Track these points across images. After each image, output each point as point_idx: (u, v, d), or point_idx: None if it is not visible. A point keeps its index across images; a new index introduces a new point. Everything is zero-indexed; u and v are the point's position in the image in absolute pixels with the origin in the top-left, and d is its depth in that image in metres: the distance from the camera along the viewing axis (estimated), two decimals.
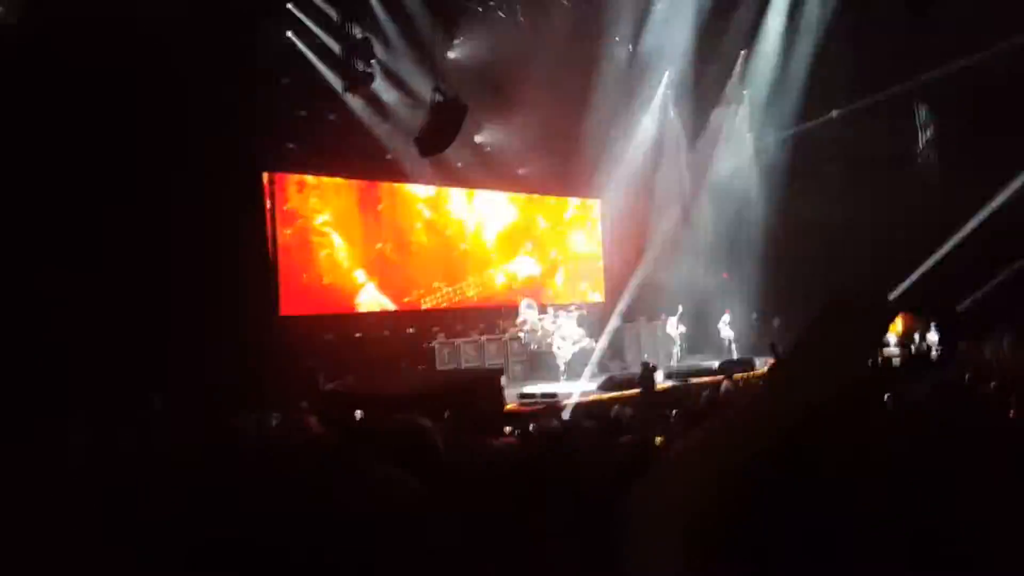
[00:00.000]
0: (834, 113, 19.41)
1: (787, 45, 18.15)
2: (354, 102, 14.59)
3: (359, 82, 12.90)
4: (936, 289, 15.78)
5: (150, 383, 10.51)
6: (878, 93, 19.99)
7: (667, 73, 18.28)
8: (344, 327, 15.41)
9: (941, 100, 21.51)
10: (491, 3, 15.13)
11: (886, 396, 6.06)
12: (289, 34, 14.01)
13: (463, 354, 15.47)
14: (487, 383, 11.53)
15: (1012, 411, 6.52)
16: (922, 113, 20.74)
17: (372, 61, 13.46)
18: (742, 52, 18.41)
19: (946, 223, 18.14)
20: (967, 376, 9.47)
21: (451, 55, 15.06)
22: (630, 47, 17.14)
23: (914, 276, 16.88)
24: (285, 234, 14.95)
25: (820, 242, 17.87)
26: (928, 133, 20.58)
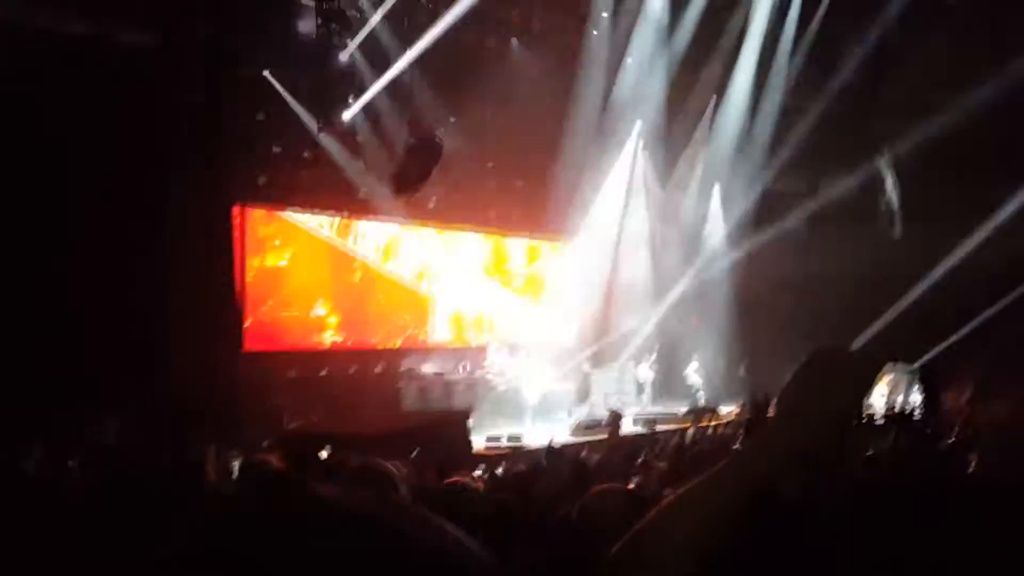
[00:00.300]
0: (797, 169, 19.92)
1: (754, 100, 18.62)
2: (328, 140, 14.64)
3: (334, 120, 12.96)
4: (913, 343, 16.10)
5: (106, 412, 10.32)
6: (841, 147, 20.55)
7: (638, 121, 18.62)
8: (309, 364, 15.24)
9: (902, 155, 22.14)
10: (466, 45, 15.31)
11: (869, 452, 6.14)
12: (265, 73, 14.04)
13: (430, 394, 15.35)
14: (455, 424, 11.44)
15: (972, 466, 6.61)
16: (884, 168, 21.28)
17: (349, 99, 13.57)
18: (711, 103, 18.81)
19: (910, 275, 18.58)
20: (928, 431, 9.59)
21: (428, 96, 15.17)
22: (603, 93, 17.42)
23: (879, 327, 17.21)
24: (252, 268, 14.82)
25: (786, 292, 18.16)
26: (890, 187, 21.10)
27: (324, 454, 8.08)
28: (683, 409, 15.83)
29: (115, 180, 11.65)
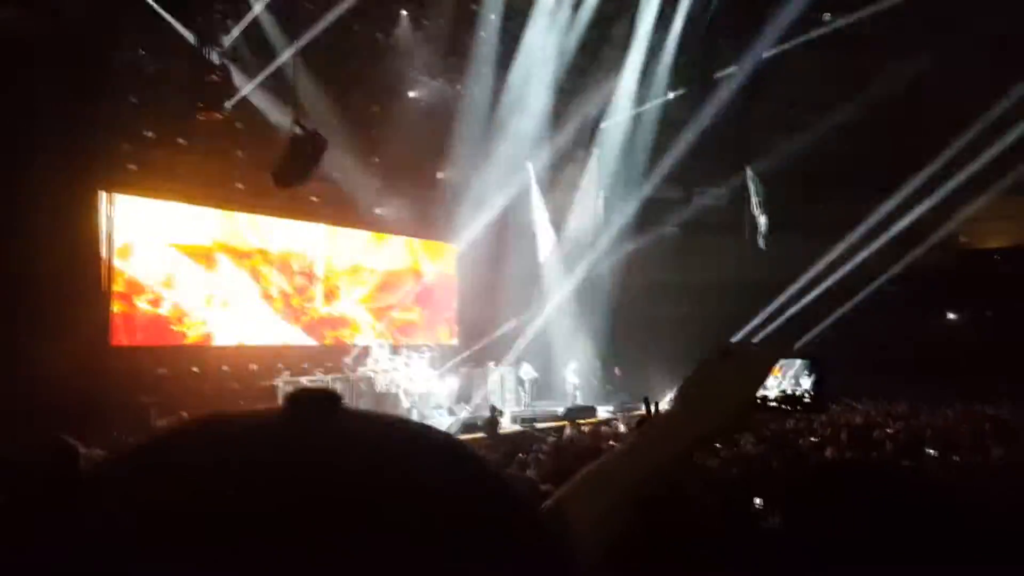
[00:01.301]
0: (673, 179, 20.72)
1: (637, 109, 19.21)
2: (206, 128, 14.12)
3: (212, 108, 12.52)
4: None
5: None
6: (715, 160, 21.51)
7: (524, 124, 18.84)
8: (180, 361, 14.64)
9: (769, 171, 23.38)
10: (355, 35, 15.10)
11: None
12: (141, 52, 13.42)
13: None
14: None
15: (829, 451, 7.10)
16: (752, 182, 22.39)
17: (229, 87, 13.15)
18: (595, 111, 19.26)
19: (775, 282, 19.66)
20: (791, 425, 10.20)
21: (312, 89, 14.86)
22: (491, 94, 17.53)
23: (747, 330, 18.09)
24: (120, 259, 14.13)
25: (661, 297, 18.84)
26: (757, 201, 22.22)
27: None
28: (561, 409, 16.19)
29: None
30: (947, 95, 22.48)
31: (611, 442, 11.40)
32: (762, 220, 22.47)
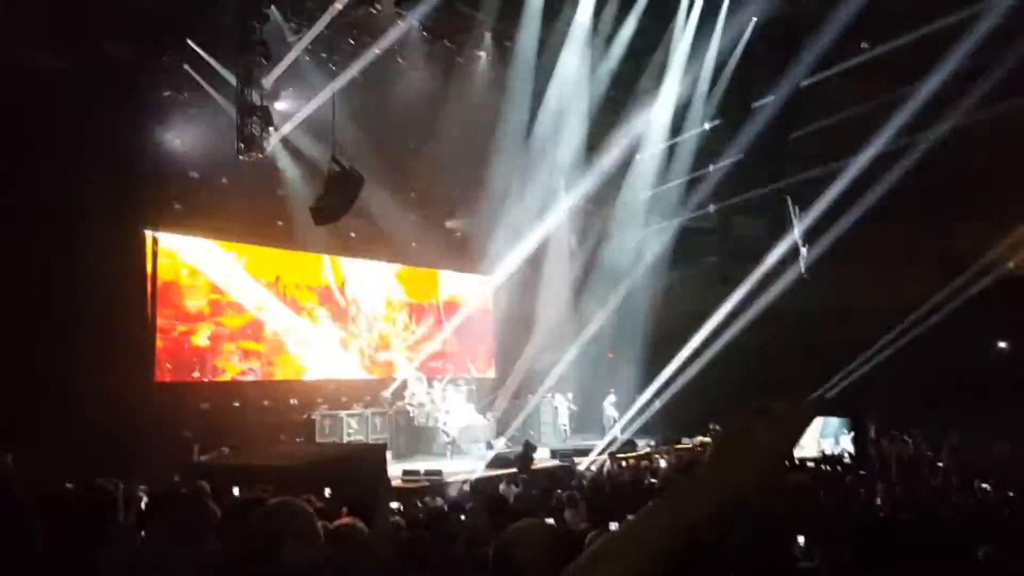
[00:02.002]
0: (711, 208, 20.58)
1: (673, 140, 19.18)
2: (248, 167, 14.42)
3: (254, 148, 12.76)
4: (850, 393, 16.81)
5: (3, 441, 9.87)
6: (752, 190, 21.37)
7: (560, 158, 18.89)
8: (222, 396, 14.84)
9: (811, 199, 23.15)
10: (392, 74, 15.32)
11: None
12: (185, 94, 13.80)
13: (346, 427, 15.11)
14: (371, 458, 11.28)
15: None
16: (793, 211, 22.16)
17: (269, 128, 13.41)
18: (631, 142, 19.24)
19: (819, 313, 19.36)
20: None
21: (350, 126, 15.11)
22: (525, 128, 17.61)
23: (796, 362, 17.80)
24: (165, 297, 14.41)
25: (701, 329, 18.64)
26: (798, 230, 21.98)
27: (236, 490, 7.88)
28: (600, 442, 16.03)
29: (22, 201, 11.24)
30: (991, 120, 22.14)
31: (651, 478, 11.26)
32: (804, 249, 22.21)
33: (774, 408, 1.08)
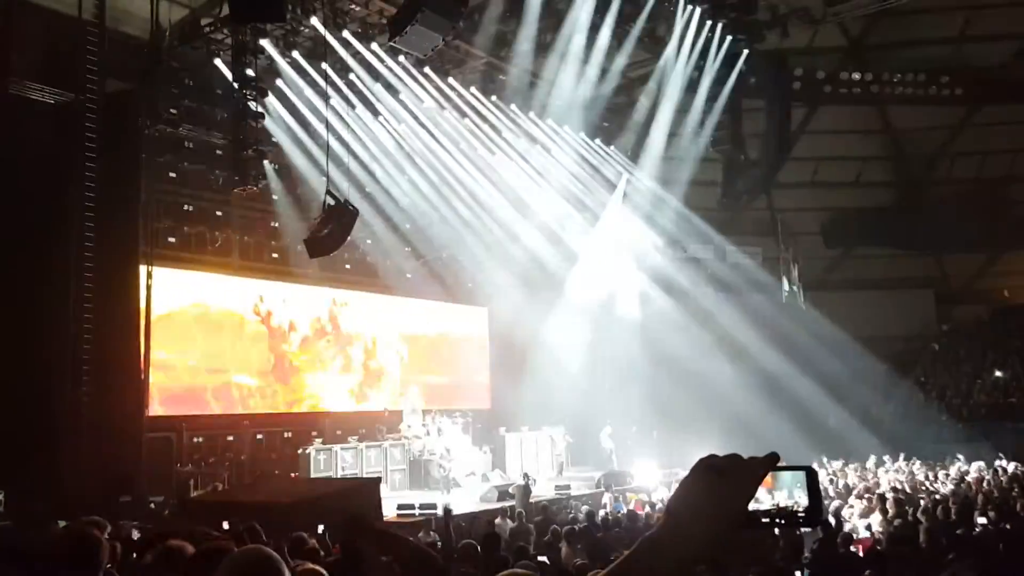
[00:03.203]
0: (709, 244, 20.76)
1: (665, 171, 19.27)
2: (242, 200, 14.46)
3: (249, 180, 12.81)
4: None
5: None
6: (746, 218, 21.49)
7: (554, 188, 18.96)
8: (214, 428, 14.74)
9: (804, 227, 23.30)
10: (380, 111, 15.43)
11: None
12: (181, 129, 13.88)
13: (340, 461, 14.96)
14: (365, 493, 11.16)
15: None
16: (786, 240, 22.31)
17: (264, 160, 13.48)
18: (623, 175, 19.32)
19: (813, 342, 19.36)
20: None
21: (345, 159, 15.19)
22: (521, 159, 17.68)
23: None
24: (159, 330, 14.33)
25: (697, 357, 18.60)
26: (792, 258, 22.10)
27: (226, 525, 7.79)
28: (597, 474, 15.92)
29: (15, 233, 11.24)
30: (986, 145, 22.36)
31: (647, 508, 11.17)
32: (795, 275, 22.31)
33: (727, 463, 1.06)
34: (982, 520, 8.34)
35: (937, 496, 10.66)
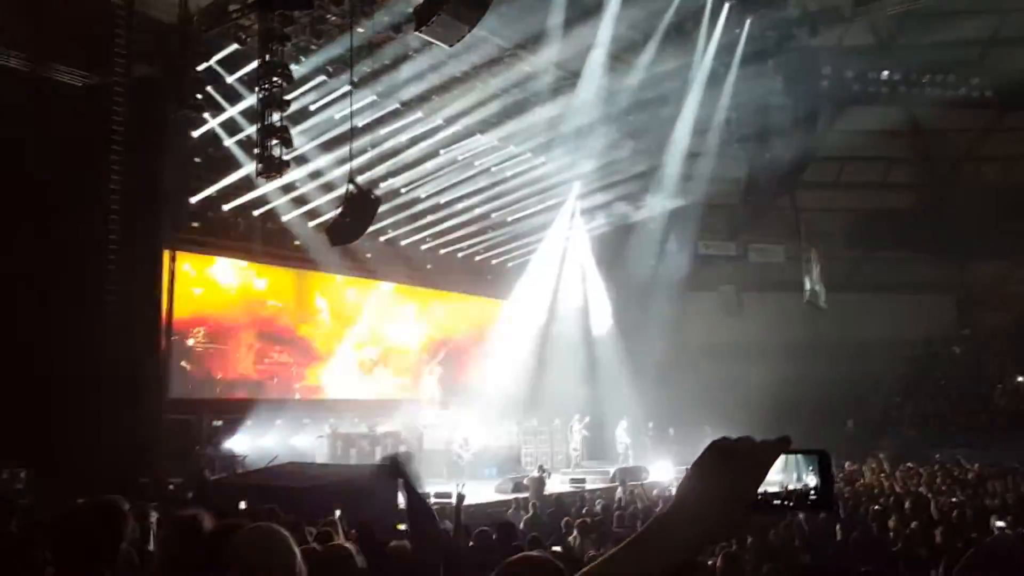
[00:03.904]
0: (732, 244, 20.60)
1: (688, 168, 19.15)
2: (266, 187, 14.54)
3: (273, 168, 12.86)
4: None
5: (12, 463, 9.95)
6: (769, 217, 21.30)
7: (576, 184, 18.92)
8: (234, 413, 14.86)
9: (828, 229, 23.07)
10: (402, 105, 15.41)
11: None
12: (206, 115, 13.96)
13: (356, 447, 15.06)
14: (380, 479, 11.20)
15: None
16: (810, 239, 22.11)
17: (288, 149, 13.53)
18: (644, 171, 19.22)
19: (834, 344, 19.20)
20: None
21: (367, 149, 15.22)
22: (543, 158, 17.64)
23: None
24: (181, 314, 14.48)
25: (716, 356, 18.53)
26: (815, 258, 21.90)
27: (243, 505, 7.87)
28: (612, 468, 15.90)
29: (40, 216, 11.36)
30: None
31: (663, 502, 11.14)
32: (817, 275, 22.09)
33: (738, 445, 1.06)
34: (999, 524, 8.25)
35: (953, 500, 10.54)
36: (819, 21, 16.87)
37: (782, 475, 1.08)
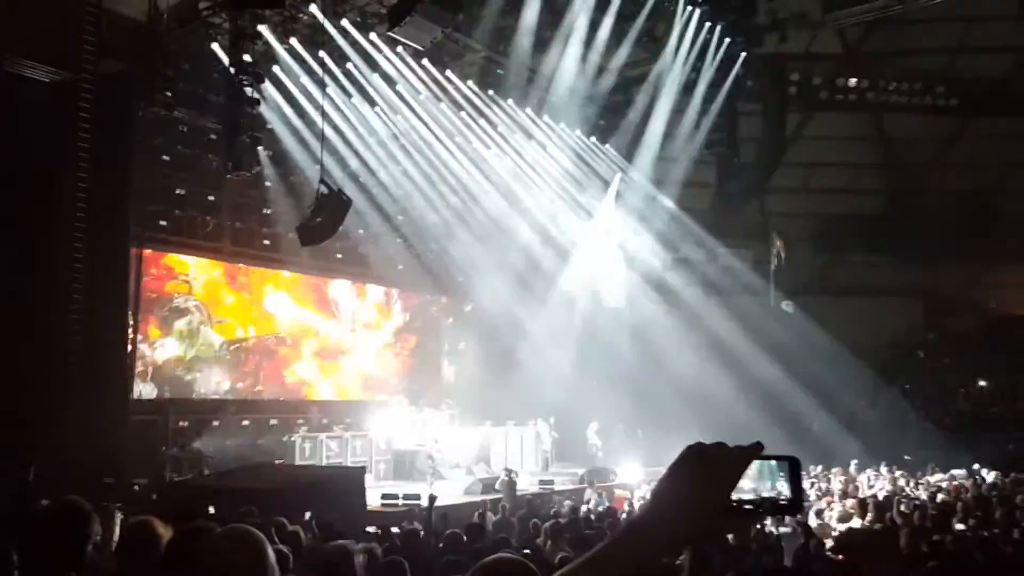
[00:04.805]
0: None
1: (659, 171, 19.29)
2: (235, 185, 14.41)
3: (242, 166, 12.75)
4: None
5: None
6: (737, 221, 21.49)
7: (548, 184, 18.93)
8: (199, 413, 14.71)
9: (795, 233, 23.33)
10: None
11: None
12: (176, 113, 13.80)
13: (325, 449, 14.95)
14: (350, 482, 11.18)
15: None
16: (777, 244, 22.33)
17: (258, 146, 13.42)
18: (617, 174, 19.33)
19: (800, 346, 19.40)
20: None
21: (340, 148, 15.13)
22: (515, 154, 17.66)
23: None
24: (148, 313, 14.32)
25: (686, 359, 18.63)
26: (782, 263, 22.11)
27: (211, 509, 7.80)
28: (581, 470, 15.95)
29: (8, 219, 11.19)
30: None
31: (627, 505, 11.22)
32: (784, 278, 22.33)
33: (712, 451, 1.08)
34: (960, 527, 8.40)
35: (917, 502, 10.72)
36: (788, 28, 17.10)
37: (754, 481, 1.10)
